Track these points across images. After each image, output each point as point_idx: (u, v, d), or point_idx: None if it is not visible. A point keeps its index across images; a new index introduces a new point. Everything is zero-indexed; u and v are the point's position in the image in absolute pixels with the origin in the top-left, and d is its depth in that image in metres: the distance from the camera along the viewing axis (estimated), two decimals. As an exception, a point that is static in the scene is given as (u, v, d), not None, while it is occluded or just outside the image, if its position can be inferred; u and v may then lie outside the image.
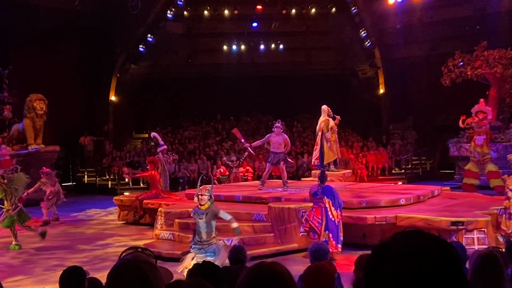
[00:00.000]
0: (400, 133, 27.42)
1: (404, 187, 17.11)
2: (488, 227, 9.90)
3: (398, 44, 27.55)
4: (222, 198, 13.58)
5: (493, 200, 12.12)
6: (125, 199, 15.69)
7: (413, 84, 26.21)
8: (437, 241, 1.56)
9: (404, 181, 22.34)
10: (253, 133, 28.93)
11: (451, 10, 25.06)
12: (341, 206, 10.19)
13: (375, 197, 12.29)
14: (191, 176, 23.42)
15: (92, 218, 16.66)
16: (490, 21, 23.63)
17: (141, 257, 2.04)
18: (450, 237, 9.70)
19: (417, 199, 12.30)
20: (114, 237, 13.24)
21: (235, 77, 27.81)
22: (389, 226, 10.44)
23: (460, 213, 10.56)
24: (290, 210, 11.23)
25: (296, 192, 13.13)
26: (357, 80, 29.61)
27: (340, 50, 29.56)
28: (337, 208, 10.08)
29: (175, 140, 27.28)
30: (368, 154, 25.01)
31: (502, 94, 21.46)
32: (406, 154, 25.32)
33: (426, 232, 1.62)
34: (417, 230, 1.64)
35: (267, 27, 28.24)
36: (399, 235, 1.60)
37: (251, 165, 23.79)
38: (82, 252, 11.53)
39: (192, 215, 8.48)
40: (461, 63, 21.38)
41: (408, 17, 25.96)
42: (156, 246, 11.04)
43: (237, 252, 5.73)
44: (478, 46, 21.23)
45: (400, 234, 1.60)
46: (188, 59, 29.38)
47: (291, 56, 29.53)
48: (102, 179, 24.37)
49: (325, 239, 9.69)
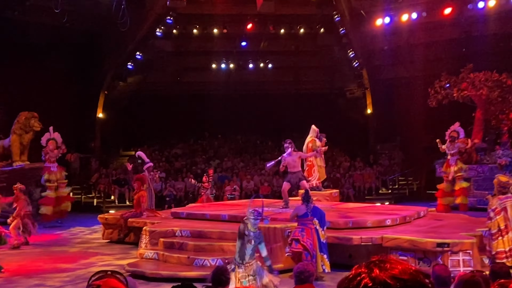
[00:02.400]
0: (387, 153, 27.52)
1: (391, 207, 17.12)
2: (473, 249, 9.89)
3: (386, 65, 27.82)
4: (208, 217, 13.50)
5: (479, 222, 12.12)
6: (110, 217, 15.53)
7: (400, 105, 26.38)
8: (410, 271, 1.53)
9: (391, 202, 22.37)
10: (241, 152, 28.93)
11: (438, 32, 25.35)
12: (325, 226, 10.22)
13: (361, 218, 12.26)
14: (178, 194, 23.31)
15: (76, 236, 16.45)
16: (476, 43, 23.94)
17: (110, 282, 1.93)
18: (435, 259, 9.69)
19: (403, 220, 12.28)
20: (98, 256, 13.07)
21: (223, 95, 27.86)
22: (375, 247, 10.42)
23: (445, 234, 10.56)
24: (276, 230, 11.17)
25: (282, 212, 13.07)
26: (344, 100, 29.76)
27: (328, 70, 29.78)
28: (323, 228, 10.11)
29: (162, 157, 27.18)
30: (355, 173, 25.07)
31: (488, 116, 21.64)
32: (393, 174, 25.40)
33: (401, 261, 1.59)
34: (392, 259, 1.61)
35: (256, 46, 28.36)
36: (373, 264, 1.57)
37: (238, 184, 23.73)
38: (65, 271, 11.35)
39: (245, 232, 8.07)
40: (448, 84, 21.60)
41: (395, 38, 26.22)
42: (140, 266, 10.91)
43: (219, 273, 5.65)
44: (464, 68, 21.47)
45: (374, 263, 1.57)
46: (176, 77, 29.42)
47: (279, 75, 29.66)
48: (87, 197, 24.14)
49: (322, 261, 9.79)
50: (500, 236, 9.76)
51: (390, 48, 26.70)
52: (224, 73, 29.16)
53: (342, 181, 23.89)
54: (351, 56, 27.33)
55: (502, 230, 9.74)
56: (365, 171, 25.31)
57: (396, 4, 24.40)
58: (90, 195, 24.27)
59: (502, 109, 21.31)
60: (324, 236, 10.02)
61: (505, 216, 9.78)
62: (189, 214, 14.10)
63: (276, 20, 26.34)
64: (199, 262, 10.51)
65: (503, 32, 23.38)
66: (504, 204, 9.86)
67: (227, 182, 23.61)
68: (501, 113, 21.43)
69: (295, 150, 13.69)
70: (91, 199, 23.96)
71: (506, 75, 20.68)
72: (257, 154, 28.35)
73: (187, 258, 10.70)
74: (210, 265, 10.14)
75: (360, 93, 28.91)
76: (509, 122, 21.34)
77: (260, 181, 24.26)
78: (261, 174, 25.09)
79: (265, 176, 24.68)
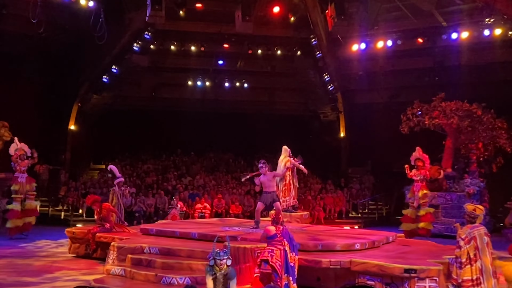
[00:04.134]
0: (358, 177, 27.76)
1: (360, 231, 17.19)
2: (440, 275, 9.98)
3: (360, 90, 28.24)
4: (178, 235, 13.38)
5: (446, 249, 12.25)
6: (77, 232, 15.25)
7: (373, 130, 26.70)
8: None
9: (361, 225, 22.51)
10: (213, 170, 28.86)
11: (412, 60, 25.86)
12: (296, 248, 10.18)
13: (331, 241, 12.28)
14: (148, 210, 23.08)
15: (41, 249, 16.11)
16: (449, 73, 24.52)
17: None
18: (402, 284, 9.75)
19: (372, 244, 12.34)
20: (63, 271, 12.80)
21: (198, 112, 27.87)
22: (343, 271, 10.44)
23: (413, 260, 10.63)
24: (246, 250, 11.11)
25: (253, 232, 13.04)
26: (318, 122, 30.03)
27: (303, 92, 30.06)
28: (293, 250, 10.07)
29: (133, 173, 26.93)
30: (326, 196, 25.20)
31: (458, 144, 22.04)
32: (363, 198, 25.61)
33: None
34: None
35: (233, 65, 28.53)
36: None
37: (209, 202, 23.63)
38: (28, 286, 11.08)
39: (211, 275, 8.11)
40: (419, 112, 21.95)
41: (370, 64, 26.66)
42: (106, 282, 10.72)
43: (188, 293, 5.61)
44: (436, 96, 21.89)
45: None
46: (151, 92, 29.35)
47: (255, 95, 29.83)
48: (55, 209, 23.72)
49: (285, 282, 9.65)
50: (469, 265, 9.87)
51: (365, 73, 27.15)
52: (199, 90, 29.20)
53: (313, 203, 23.98)
54: (327, 80, 27.67)
55: (471, 259, 9.86)
56: (336, 194, 25.46)
57: (372, 31, 24.85)
58: (58, 207, 23.86)
59: (472, 139, 21.72)
60: (293, 259, 9.98)
61: (475, 245, 9.91)
62: (158, 231, 13.96)
63: (253, 40, 26.56)
64: (166, 280, 10.37)
65: (475, 64, 23.97)
66: (473, 233, 10.00)
67: (198, 200, 23.50)
68: (470, 143, 21.85)
69: (269, 170, 13.74)
70: (59, 212, 23.54)
71: (477, 106, 21.13)
72: (229, 173, 28.31)
73: (154, 276, 10.56)
74: (178, 283, 10.03)
75: (334, 117, 29.21)
76: (478, 152, 21.76)
77: (231, 200, 24.20)
78: (232, 193, 25.04)
79: (236, 195, 24.63)
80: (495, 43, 22.82)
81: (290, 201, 16.24)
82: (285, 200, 16.19)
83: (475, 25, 22.77)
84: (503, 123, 21.19)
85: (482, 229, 10.18)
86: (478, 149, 21.74)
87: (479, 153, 21.76)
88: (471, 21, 22.81)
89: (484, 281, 9.76)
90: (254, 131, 27.66)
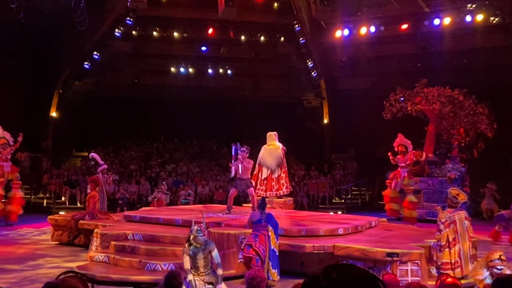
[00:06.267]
0: (341, 163, 27.88)
1: (343, 217, 17.34)
2: (421, 259, 10.11)
3: (344, 76, 28.25)
4: (162, 221, 13.38)
5: (427, 233, 12.41)
6: (60, 219, 15.17)
7: (356, 116, 26.78)
8: (366, 275, 1.56)
9: (344, 211, 22.67)
10: (197, 157, 28.79)
11: (395, 46, 25.92)
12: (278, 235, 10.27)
13: (314, 226, 12.37)
14: (131, 198, 23.00)
15: (24, 237, 16.01)
16: (431, 59, 24.61)
17: (68, 282, 1.89)
18: (385, 268, 9.86)
19: (355, 229, 12.46)
20: (46, 258, 12.74)
21: (181, 99, 27.70)
22: (327, 255, 10.53)
23: (395, 244, 10.76)
24: (230, 235, 11.14)
25: (236, 218, 13.07)
26: (302, 109, 30.03)
27: (287, 79, 30.00)
28: (277, 237, 10.15)
29: (116, 160, 26.77)
30: (309, 182, 25.30)
31: (440, 130, 22.23)
32: (346, 184, 25.74)
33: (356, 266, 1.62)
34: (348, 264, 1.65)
35: (216, 52, 28.36)
36: (329, 268, 1.60)
37: (193, 189, 23.60)
38: (11, 273, 11.02)
39: (189, 253, 8.16)
40: (402, 98, 22.08)
41: (353, 51, 26.66)
42: (89, 269, 10.69)
43: (172, 278, 5.60)
44: (419, 83, 22.02)
45: (331, 267, 1.60)
46: (134, 79, 29.07)
47: (238, 82, 29.71)
48: (37, 197, 23.53)
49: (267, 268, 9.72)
50: (448, 248, 10.01)
51: (348, 59, 27.17)
52: (182, 77, 29.01)
53: (296, 189, 24.08)
54: (310, 66, 27.63)
55: (450, 242, 10.00)
56: (319, 180, 25.58)
57: (355, 17, 24.85)
58: (40, 195, 23.67)
59: (453, 124, 21.91)
60: (276, 245, 10.05)
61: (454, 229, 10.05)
62: (142, 217, 13.93)
63: (237, 26, 26.42)
64: (150, 266, 10.38)
65: (457, 50, 24.09)
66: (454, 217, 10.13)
67: (182, 187, 23.45)
68: (452, 128, 22.05)
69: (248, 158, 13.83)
70: (41, 199, 23.36)
71: (459, 91, 21.31)
72: (213, 160, 28.28)
73: (138, 262, 10.57)
74: (162, 269, 10.04)
75: (317, 103, 29.22)
76: (460, 137, 21.97)
77: (215, 186, 24.19)
78: (216, 179, 25.03)
79: (220, 182, 24.62)
80: (476, 29, 22.96)
81: (288, 187, 16.29)
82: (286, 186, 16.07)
83: (457, 11, 22.90)
84: (484, 109, 21.39)
85: (463, 213, 10.33)
86: (459, 134, 21.95)
87: (460, 138, 21.97)
88: (453, 7, 22.93)
89: (463, 265, 9.92)
90: (237, 118, 27.57)
